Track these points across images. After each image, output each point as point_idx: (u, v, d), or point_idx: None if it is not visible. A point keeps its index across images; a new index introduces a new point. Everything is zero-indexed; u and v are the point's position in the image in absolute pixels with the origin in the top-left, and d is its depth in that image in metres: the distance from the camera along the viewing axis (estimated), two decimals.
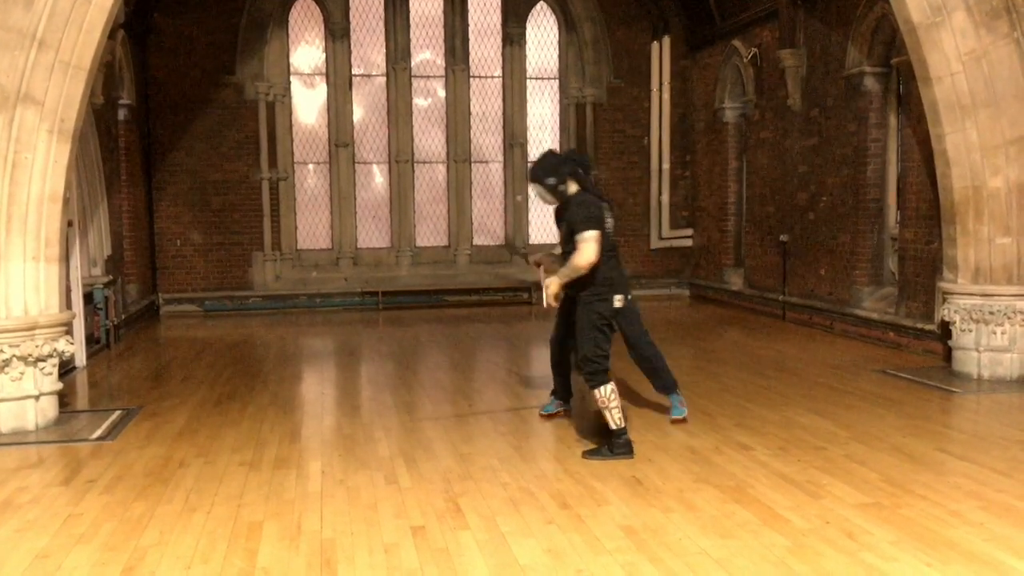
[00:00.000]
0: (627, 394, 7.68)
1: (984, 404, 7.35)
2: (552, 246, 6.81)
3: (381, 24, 14.67)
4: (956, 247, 8.16)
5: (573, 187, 5.99)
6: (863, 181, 10.46)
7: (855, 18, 10.35)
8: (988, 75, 7.72)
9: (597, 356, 5.79)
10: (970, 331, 8.15)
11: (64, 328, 7.02)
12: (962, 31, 7.70)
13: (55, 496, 5.22)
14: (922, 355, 9.27)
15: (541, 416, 6.93)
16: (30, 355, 6.70)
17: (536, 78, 15.27)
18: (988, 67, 7.72)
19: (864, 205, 10.47)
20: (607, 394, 5.77)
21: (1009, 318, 7.99)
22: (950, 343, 8.46)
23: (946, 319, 8.43)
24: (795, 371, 8.77)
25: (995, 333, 8.05)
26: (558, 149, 15.28)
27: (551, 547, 4.31)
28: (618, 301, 5.87)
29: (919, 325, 9.43)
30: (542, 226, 15.46)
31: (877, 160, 10.38)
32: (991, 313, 8.02)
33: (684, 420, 6.68)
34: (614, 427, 5.80)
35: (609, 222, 5.92)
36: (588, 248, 5.69)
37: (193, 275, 14.05)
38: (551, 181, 5.94)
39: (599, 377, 5.79)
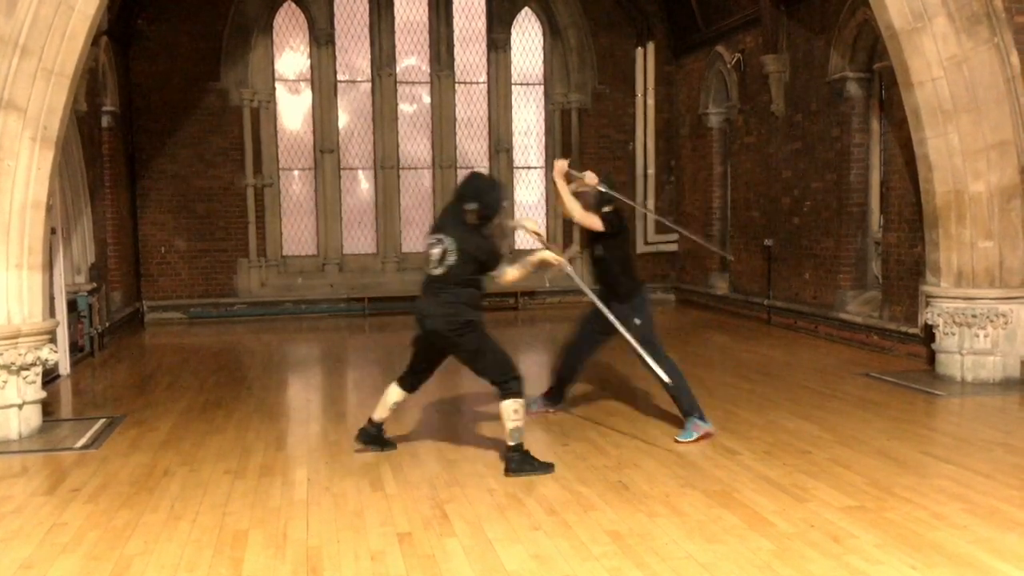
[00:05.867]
0: (617, 398, 7.69)
1: (967, 407, 7.40)
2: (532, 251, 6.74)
3: (366, 30, 14.65)
4: (939, 251, 8.21)
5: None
6: (846, 186, 10.51)
7: (837, 24, 10.42)
8: (969, 80, 7.78)
9: None
10: (953, 334, 8.20)
11: (47, 336, 6.98)
12: (943, 36, 7.76)
13: (39, 505, 5.18)
14: (906, 358, 9.32)
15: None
16: (13, 363, 6.65)
17: (521, 84, 15.28)
18: (969, 72, 7.78)
19: (847, 209, 10.53)
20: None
21: (992, 321, 8.05)
22: (933, 346, 8.51)
23: (929, 322, 8.49)
24: (780, 375, 8.80)
25: (978, 336, 8.10)
26: (544, 155, 15.34)
27: (538, 553, 4.32)
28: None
29: (903, 328, 9.48)
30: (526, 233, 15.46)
31: (860, 165, 10.44)
32: (974, 316, 8.08)
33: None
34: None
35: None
36: None
37: (178, 282, 13.98)
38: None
39: None
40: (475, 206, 5.69)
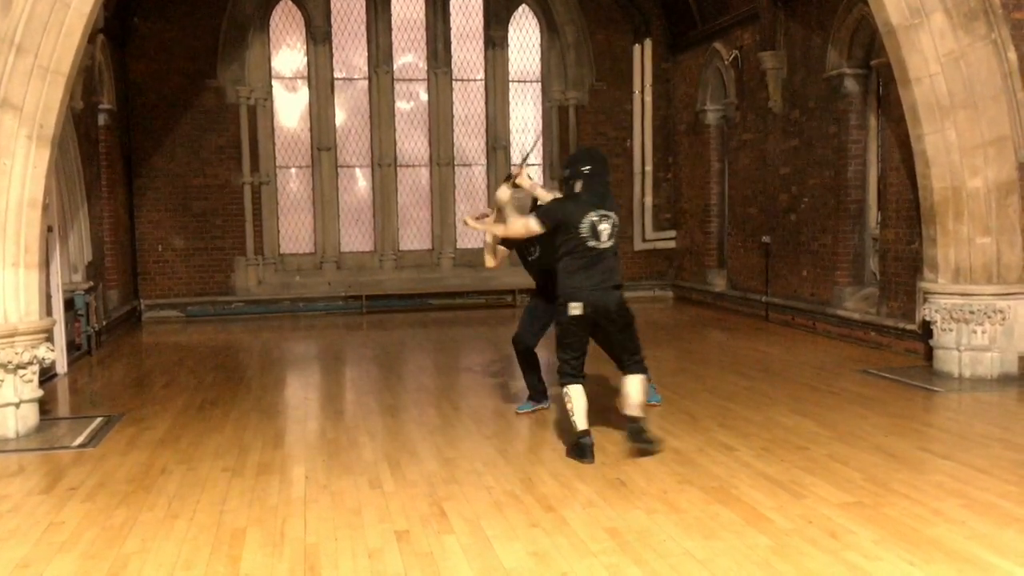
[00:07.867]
0: (615, 397, 7.69)
1: (965, 403, 7.40)
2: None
3: (363, 27, 14.63)
4: (936, 247, 8.21)
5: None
6: (844, 182, 10.51)
7: (835, 20, 10.41)
8: (966, 76, 7.78)
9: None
10: (951, 330, 8.21)
11: (44, 335, 6.97)
12: (940, 32, 7.75)
13: (36, 504, 5.18)
14: (903, 355, 9.32)
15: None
16: (10, 362, 6.64)
17: (518, 81, 15.27)
18: (966, 68, 7.78)
19: (845, 206, 10.53)
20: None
21: (989, 317, 8.05)
22: (931, 342, 8.51)
23: (927, 319, 8.49)
24: (778, 372, 8.80)
25: (975, 332, 8.10)
26: (542, 153, 15.31)
27: (536, 550, 4.31)
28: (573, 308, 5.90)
29: (900, 325, 9.48)
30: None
31: (858, 161, 10.44)
32: (971, 312, 8.08)
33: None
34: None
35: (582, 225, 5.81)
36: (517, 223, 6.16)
37: (175, 280, 13.96)
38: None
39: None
40: (608, 178, 5.95)
